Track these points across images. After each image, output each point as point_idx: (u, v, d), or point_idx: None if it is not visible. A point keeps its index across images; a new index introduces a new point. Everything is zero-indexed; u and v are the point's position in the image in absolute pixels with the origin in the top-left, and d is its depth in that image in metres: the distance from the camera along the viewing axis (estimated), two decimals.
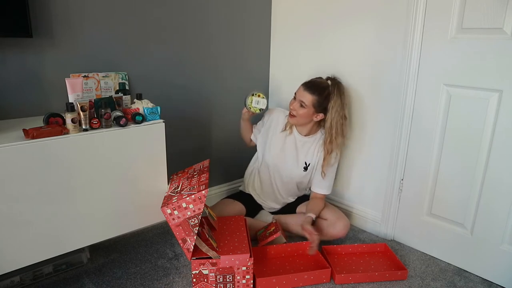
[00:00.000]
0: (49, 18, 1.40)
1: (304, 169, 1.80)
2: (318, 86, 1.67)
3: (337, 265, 1.60)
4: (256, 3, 2.11)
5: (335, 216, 1.75)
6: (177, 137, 1.88)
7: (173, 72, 1.82)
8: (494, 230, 1.50)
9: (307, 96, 1.65)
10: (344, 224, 1.73)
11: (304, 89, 1.67)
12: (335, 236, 1.73)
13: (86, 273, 1.52)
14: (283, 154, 1.81)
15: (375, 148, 1.85)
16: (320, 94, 1.66)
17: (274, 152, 1.82)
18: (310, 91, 1.66)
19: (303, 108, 1.67)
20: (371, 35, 1.76)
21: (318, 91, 1.66)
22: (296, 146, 1.80)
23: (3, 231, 1.11)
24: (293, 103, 1.71)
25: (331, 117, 1.67)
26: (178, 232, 1.29)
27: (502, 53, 1.38)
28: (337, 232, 1.72)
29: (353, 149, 1.94)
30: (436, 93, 1.58)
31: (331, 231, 1.72)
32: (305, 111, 1.67)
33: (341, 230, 1.72)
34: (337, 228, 1.72)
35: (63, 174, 1.19)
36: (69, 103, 1.20)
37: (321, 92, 1.66)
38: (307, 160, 1.79)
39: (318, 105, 1.67)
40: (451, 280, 1.54)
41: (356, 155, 1.94)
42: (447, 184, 1.62)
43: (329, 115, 1.67)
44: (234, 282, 1.39)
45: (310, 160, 1.79)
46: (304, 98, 1.66)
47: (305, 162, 1.80)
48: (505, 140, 1.42)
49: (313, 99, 1.65)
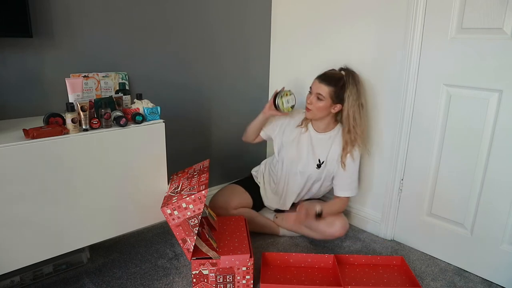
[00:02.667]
0: (49, 18, 1.40)
1: (318, 166, 1.76)
2: (333, 77, 1.67)
3: (347, 276, 1.53)
4: (256, 4, 2.11)
5: (332, 216, 1.73)
6: (177, 137, 1.88)
7: (173, 72, 1.82)
8: (494, 230, 1.50)
9: (324, 87, 1.65)
10: (342, 223, 1.71)
11: (320, 81, 1.66)
12: (333, 235, 1.71)
13: (86, 273, 1.52)
14: (298, 151, 1.78)
15: (375, 148, 1.85)
16: (336, 84, 1.65)
17: (289, 148, 1.80)
18: (326, 83, 1.65)
19: (320, 101, 1.66)
20: (371, 35, 1.76)
21: (334, 81, 1.65)
22: (312, 143, 1.77)
23: (3, 231, 1.11)
24: (309, 97, 1.70)
25: (348, 106, 1.66)
26: (178, 232, 1.29)
27: (502, 53, 1.38)
28: (334, 231, 1.70)
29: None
30: (436, 93, 1.58)
31: (329, 230, 1.70)
32: (323, 103, 1.66)
33: (338, 229, 1.70)
34: (334, 227, 1.70)
35: (63, 174, 1.19)
36: (69, 103, 1.20)
37: (337, 82, 1.65)
38: (321, 158, 1.76)
39: (335, 96, 1.65)
40: (451, 280, 1.54)
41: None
42: (447, 184, 1.62)
43: (346, 104, 1.66)
44: (234, 282, 1.39)
45: (324, 158, 1.75)
46: (320, 90, 1.65)
47: (318, 160, 1.76)
48: (505, 140, 1.42)
49: (330, 90, 1.64)
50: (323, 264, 1.59)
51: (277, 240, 1.82)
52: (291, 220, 1.81)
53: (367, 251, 1.75)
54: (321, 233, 1.72)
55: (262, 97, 2.29)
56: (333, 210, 1.74)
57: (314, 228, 1.73)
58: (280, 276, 1.52)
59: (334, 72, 1.73)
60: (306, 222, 1.74)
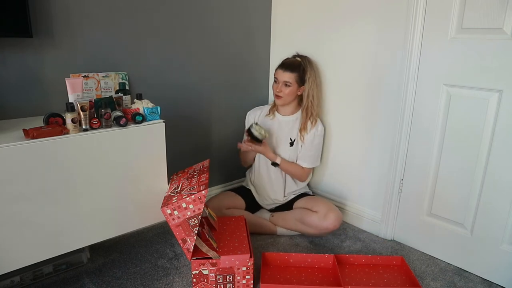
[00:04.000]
0: (49, 18, 1.40)
1: (290, 144, 1.90)
2: (294, 64, 1.85)
3: (347, 276, 1.52)
4: (257, 4, 2.11)
5: (326, 208, 1.75)
6: (177, 137, 1.88)
7: (173, 72, 1.82)
8: (494, 230, 1.50)
9: (289, 74, 1.81)
10: (335, 216, 1.72)
11: (284, 70, 1.82)
12: (327, 228, 1.72)
13: (86, 273, 1.52)
14: (269, 137, 1.89)
15: (375, 148, 1.85)
16: (298, 70, 1.83)
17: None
18: (290, 70, 1.82)
19: (288, 87, 1.82)
20: (371, 35, 1.76)
21: (297, 68, 1.83)
22: (281, 126, 1.92)
23: (4, 231, 1.11)
24: (277, 86, 1.84)
25: (308, 86, 1.85)
26: (178, 232, 1.29)
27: (502, 53, 1.38)
28: (328, 223, 1.71)
29: (353, 149, 1.95)
30: (436, 93, 1.58)
31: (323, 223, 1.72)
32: (291, 88, 1.83)
33: (332, 221, 1.71)
34: (328, 220, 1.71)
35: (63, 174, 1.19)
36: (69, 103, 1.20)
37: (298, 68, 1.84)
38: (292, 136, 1.90)
39: (299, 80, 1.84)
40: (451, 280, 1.54)
41: (356, 155, 1.94)
42: (447, 184, 1.62)
43: (307, 85, 1.85)
44: (234, 282, 1.39)
45: (296, 136, 1.90)
46: (286, 77, 1.81)
47: (290, 138, 1.90)
48: (505, 140, 1.42)
49: (295, 75, 1.82)
50: (323, 264, 1.59)
51: (277, 240, 1.83)
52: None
53: (367, 251, 1.75)
54: (315, 227, 1.74)
55: (262, 97, 2.29)
56: (290, 167, 1.89)
57: (308, 223, 1.76)
58: (280, 276, 1.52)
59: (292, 59, 1.90)
60: (295, 213, 1.83)
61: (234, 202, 1.90)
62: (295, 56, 1.94)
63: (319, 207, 1.77)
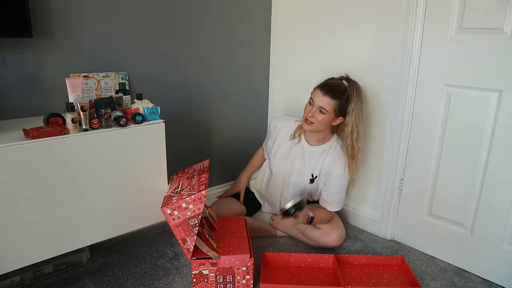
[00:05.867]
0: (49, 18, 1.40)
1: (311, 181, 1.72)
2: (337, 90, 1.57)
3: (347, 276, 1.52)
4: (256, 5, 2.11)
5: (329, 226, 1.70)
6: (177, 137, 1.88)
7: (173, 72, 1.82)
8: (494, 230, 1.50)
9: (327, 100, 1.55)
10: (338, 234, 1.68)
11: (324, 93, 1.55)
12: (328, 245, 1.69)
13: (86, 273, 1.52)
14: (289, 163, 1.75)
15: (375, 148, 1.85)
16: (341, 98, 1.56)
17: (280, 161, 1.78)
18: (330, 96, 1.54)
19: (323, 114, 1.57)
20: (371, 35, 1.76)
21: (339, 95, 1.56)
22: (304, 156, 1.71)
23: (4, 231, 1.11)
24: (311, 109, 1.58)
25: (351, 120, 1.58)
26: (178, 232, 1.29)
27: (502, 53, 1.38)
28: (330, 241, 1.67)
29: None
30: (436, 93, 1.58)
31: (325, 239, 1.67)
32: (325, 117, 1.57)
33: (334, 240, 1.67)
34: (330, 237, 1.67)
35: (63, 174, 1.19)
36: (69, 103, 1.20)
37: (341, 95, 1.57)
38: (314, 173, 1.71)
39: (339, 110, 1.57)
40: (451, 280, 1.54)
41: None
42: (447, 184, 1.62)
43: (349, 118, 1.58)
44: (234, 282, 1.39)
45: (318, 173, 1.70)
46: (324, 103, 1.55)
47: (311, 174, 1.71)
48: (505, 140, 1.42)
49: (334, 103, 1.55)
50: (323, 264, 1.59)
51: (277, 240, 1.82)
52: (287, 222, 1.75)
53: (367, 251, 1.75)
54: (316, 241, 1.70)
55: (262, 97, 2.29)
56: (321, 219, 1.70)
57: (310, 237, 1.71)
58: (280, 276, 1.52)
59: (337, 83, 1.62)
60: (299, 226, 1.71)
61: (233, 211, 1.81)
62: (342, 78, 1.65)
63: (322, 224, 1.71)
